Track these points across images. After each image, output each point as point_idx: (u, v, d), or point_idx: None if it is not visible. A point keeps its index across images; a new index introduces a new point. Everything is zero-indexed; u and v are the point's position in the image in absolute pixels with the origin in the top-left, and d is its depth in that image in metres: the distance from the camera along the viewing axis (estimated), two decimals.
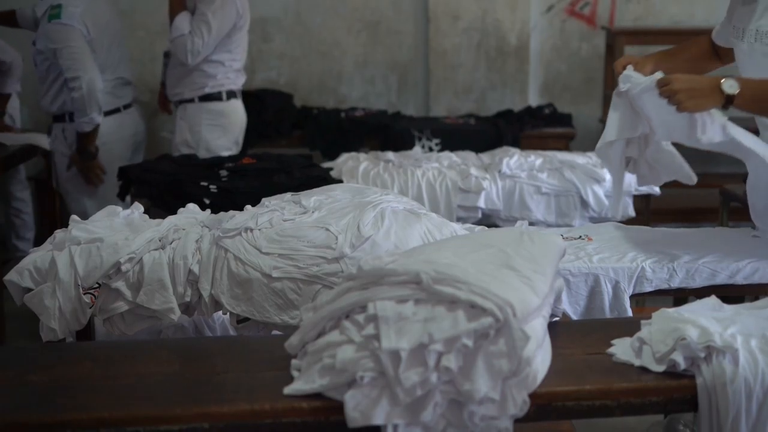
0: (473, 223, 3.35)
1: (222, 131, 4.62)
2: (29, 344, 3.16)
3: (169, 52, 4.71)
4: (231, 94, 4.64)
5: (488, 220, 3.98)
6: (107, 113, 4.30)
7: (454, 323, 1.80)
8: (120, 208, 2.90)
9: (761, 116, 2.66)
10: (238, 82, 4.67)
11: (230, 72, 4.60)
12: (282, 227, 2.61)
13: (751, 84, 2.43)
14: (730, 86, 2.38)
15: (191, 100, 4.55)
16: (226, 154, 4.50)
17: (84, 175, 4.29)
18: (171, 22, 4.44)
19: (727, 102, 2.39)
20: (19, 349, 2.44)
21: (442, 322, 1.81)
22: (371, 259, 2.04)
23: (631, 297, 2.70)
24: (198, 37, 4.37)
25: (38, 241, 5.07)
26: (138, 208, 2.91)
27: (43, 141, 4.80)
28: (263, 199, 2.90)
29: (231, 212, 2.74)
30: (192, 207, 2.92)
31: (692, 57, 2.97)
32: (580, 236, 2.96)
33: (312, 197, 2.79)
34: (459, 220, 3.86)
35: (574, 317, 2.68)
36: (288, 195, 2.90)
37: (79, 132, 4.20)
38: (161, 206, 3.57)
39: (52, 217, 5.05)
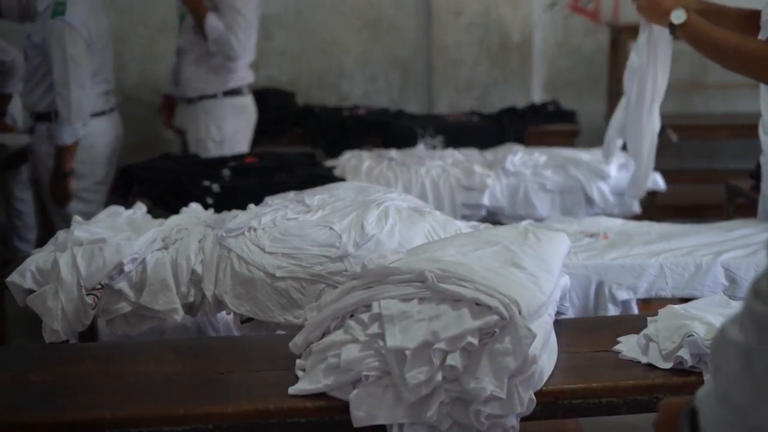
0: (477, 221, 3.33)
1: (245, 125, 4.62)
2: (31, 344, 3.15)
3: (181, 49, 4.65)
4: (248, 88, 4.64)
5: (492, 218, 3.95)
6: (95, 114, 4.23)
7: (459, 321, 1.79)
8: (122, 208, 2.89)
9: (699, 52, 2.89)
10: (251, 75, 4.67)
11: (246, 66, 4.59)
12: (285, 226, 2.59)
13: (696, 23, 2.75)
14: (677, 17, 2.76)
15: (214, 96, 4.51)
16: (246, 148, 4.49)
17: (53, 194, 4.14)
18: (200, 25, 4.35)
19: (671, 28, 2.78)
20: (21, 349, 2.43)
21: (447, 320, 1.80)
22: (375, 257, 2.02)
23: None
24: (239, 30, 4.33)
25: (40, 242, 5.04)
26: (140, 208, 2.90)
27: None
28: (266, 198, 2.88)
29: (234, 211, 2.73)
30: (195, 206, 2.91)
31: (743, 15, 2.95)
32: (596, 233, 2.94)
33: (315, 196, 2.77)
34: (463, 217, 3.83)
35: (579, 315, 2.66)
36: (291, 194, 2.88)
37: (59, 145, 4.04)
38: (163, 206, 3.55)
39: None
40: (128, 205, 2.99)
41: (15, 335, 4.12)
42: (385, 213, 2.62)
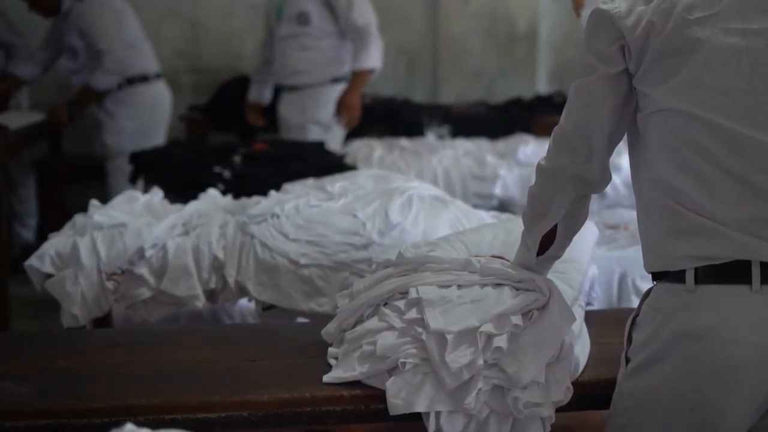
0: (488, 211, 3.31)
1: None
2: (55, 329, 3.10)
3: (281, 38, 4.55)
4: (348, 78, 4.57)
5: (503, 209, 3.92)
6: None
7: (501, 302, 1.76)
8: (139, 193, 2.86)
9: None
10: (349, 65, 4.60)
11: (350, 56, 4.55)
12: (309, 213, 2.56)
13: None
14: None
15: (321, 83, 4.45)
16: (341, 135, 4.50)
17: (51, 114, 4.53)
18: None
19: None
20: (47, 335, 2.39)
21: (490, 302, 1.77)
22: (411, 247, 2.00)
23: None
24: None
25: (41, 228, 5.00)
26: (157, 193, 2.87)
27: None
28: (284, 185, 2.86)
29: (255, 198, 2.70)
30: (213, 192, 2.88)
31: None
32: (616, 224, 2.93)
33: (337, 183, 2.75)
34: (474, 207, 3.81)
35: (602, 306, 2.65)
36: (310, 181, 2.86)
37: (92, 88, 4.45)
38: (174, 192, 3.52)
39: (55, 203, 4.98)
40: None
41: (18, 320, 4.07)
42: (408, 201, 2.60)
